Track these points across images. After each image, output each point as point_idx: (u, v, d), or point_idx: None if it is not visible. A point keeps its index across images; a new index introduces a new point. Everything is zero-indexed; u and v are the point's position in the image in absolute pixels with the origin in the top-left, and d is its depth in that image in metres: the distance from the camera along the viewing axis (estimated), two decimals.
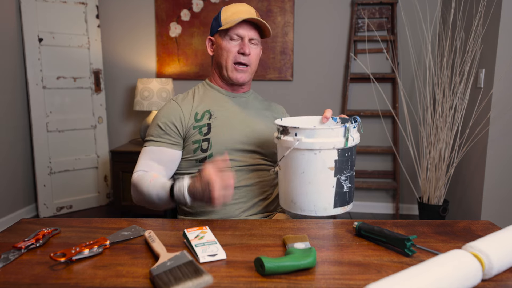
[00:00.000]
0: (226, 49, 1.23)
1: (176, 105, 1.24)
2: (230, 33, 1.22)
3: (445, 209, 2.62)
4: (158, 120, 1.23)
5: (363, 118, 3.18)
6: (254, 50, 1.25)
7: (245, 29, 1.22)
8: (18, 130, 2.94)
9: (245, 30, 1.22)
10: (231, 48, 1.23)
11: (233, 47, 1.23)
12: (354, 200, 3.24)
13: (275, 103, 1.43)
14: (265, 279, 0.73)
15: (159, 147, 1.21)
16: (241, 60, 1.23)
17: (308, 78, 3.19)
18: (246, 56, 1.23)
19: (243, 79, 1.25)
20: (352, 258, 0.82)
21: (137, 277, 0.74)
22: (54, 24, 2.99)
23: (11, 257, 0.81)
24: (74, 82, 3.11)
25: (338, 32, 3.12)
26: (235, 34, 1.22)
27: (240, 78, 1.25)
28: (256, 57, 1.27)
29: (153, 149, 1.21)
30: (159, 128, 1.22)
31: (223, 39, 1.24)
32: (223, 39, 1.24)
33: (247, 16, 1.20)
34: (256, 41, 1.25)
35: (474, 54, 2.51)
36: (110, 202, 3.38)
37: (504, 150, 2.37)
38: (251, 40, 1.23)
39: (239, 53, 1.22)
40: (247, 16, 1.19)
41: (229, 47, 1.23)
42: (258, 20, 1.20)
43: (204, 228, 0.90)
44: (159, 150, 1.20)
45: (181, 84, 3.31)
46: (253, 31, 1.23)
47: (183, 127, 1.21)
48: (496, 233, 0.79)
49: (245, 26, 1.22)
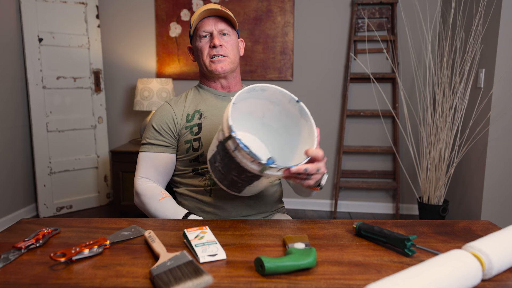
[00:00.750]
0: (200, 48, 1.25)
1: (169, 107, 1.27)
2: (198, 33, 1.24)
3: (445, 209, 2.62)
4: (152, 122, 1.27)
5: (363, 118, 3.18)
6: (228, 41, 1.24)
7: (210, 23, 1.22)
8: (18, 130, 2.94)
9: (210, 25, 1.22)
10: (203, 45, 1.24)
11: (205, 44, 1.24)
12: (354, 200, 3.27)
13: None
14: (265, 279, 0.73)
15: (155, 153, 1.25)
16: (215, 52, 1.22)
17: (308, 78, 3.19)
18: (219, 48, 1.22)
19: (223, 68, 1.23)
20: (352, 258, 0.82)
21: (137, 277, 0.74)
22: (54, 24, 2.99)
23: (11, 257, 0.81)
24: (74, 82, 3.11)
25: (338, 32, 3.12)
26: (203, 32, 1.23)
27: (220, 68, 1.23)
28: (233, 47, 1.25)
29: (150, 156, 1.25)
30: (154, 130, 1.26)
31: (195, 41, 1.26)
32: (195, 41, 1.26)
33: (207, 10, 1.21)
34: (227, 32, 1.24)
35: (474, 54, 2.51)
36: (110, 202, 3.38)
37: (504, 150, 2.37)
38: (221, 32, 1.23)
39: (211, 47, 1.23)
40: (206, 9, 1.21)
41: (201, 45, 1.24)
42: (218, 10, 1.21)
43: (204, 228, 0.90)
44: (155, 157, 1.25)
45: (181, 84, 3.31)
46: (220, 23, 1.23)
47: (176, 127, 1.24)
48: (496, 233, 0.79)
49: (210, 21, 1.23)
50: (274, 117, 1.11)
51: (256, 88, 1.03)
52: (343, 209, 3.28)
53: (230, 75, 1.28)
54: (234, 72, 1.29)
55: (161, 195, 1.19)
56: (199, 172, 1.23)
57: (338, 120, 3.20)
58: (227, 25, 1.24)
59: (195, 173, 1.23)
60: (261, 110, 1.10)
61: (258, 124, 1.14)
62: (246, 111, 1.09)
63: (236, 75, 1.31)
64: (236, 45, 1.27)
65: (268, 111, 1.10)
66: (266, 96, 1.06)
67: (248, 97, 1.05)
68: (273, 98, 1.06)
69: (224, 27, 1.23)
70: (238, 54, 1.29)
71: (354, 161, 3.23)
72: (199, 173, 1.23)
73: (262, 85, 1.02)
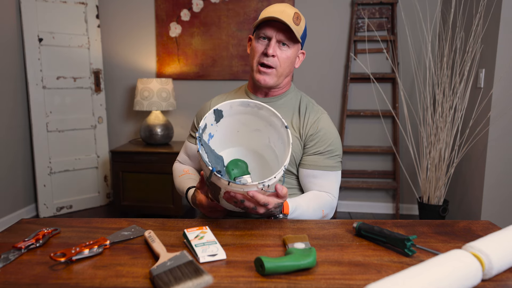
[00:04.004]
0: (254, 48, 1.21)
1: (208, 103, 1.36)
2: (259, 33, 1.20)
3: (445, 209, 2.62)
4: (195, 116, 1.39)
5: (363, 118, 3.18)
6: (282, 53, 1.18)
7: (273, 29, 1.17)
8: (18, 130, 2.94)
9: (272, 31, 1.17)
10: (258, 47, 1.20)
11: (260, 46, 1.19)
12: (354, 200, 3.26)
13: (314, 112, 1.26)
14: (265, 279, 0.73)
15: (189, 143, 1.37)
16: (264, 61, 1.18)
17: (308, 78, 3.19)
18: (270, 58, 1.18)
19: (265, 81, 1.20)
20: (352, 258, 0.82)
21: (137, 277, 0.74)
22: (54, 24, 2.99)
23: (11, 257, 0.81)
24: (74, 82, 3.11)
25: (338, 32, 3.12)
26: (263, 34, 1.18)
27: (262, 81, 1.20)
28: (286, 60, 1.19)
29: (186, 144, 1.39)
30: (193, 123, 1.38)
31: (255, 38, 1.23)
32: (255, 38, 1.23)
33: (275, 15, 1.14)
34: (287, 43, 1.18)
35: (474, 54, 2.51)
36: (110, 202, 3.38)
37: (504, 150, 2.37)
38: (280, 42, 1.18)
39: (263, 53, 1.19)
40: (274, 15, 1.14)
41: (256, 46, 1.20)
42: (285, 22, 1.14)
43: (204, 228, 0.90)
44: (189, 146, 1.37)
45: (181, 84, 3.31)
46: (282, 33, 1.17)
47: None
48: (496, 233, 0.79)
49: (273, 27, 1.17)
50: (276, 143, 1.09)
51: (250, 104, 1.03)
52: (343, 209, 3.28)
53: (275, 86, 1.25)
54: (281, 84, 1.25)
55: (181, 172, 1.33)
56: None
57: (338, 120, 3.20)
58: (290, 37, 1.18)
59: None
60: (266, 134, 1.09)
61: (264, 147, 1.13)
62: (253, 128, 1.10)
63: (283, 85, 1.27)
64: (292, 59, 1.21)
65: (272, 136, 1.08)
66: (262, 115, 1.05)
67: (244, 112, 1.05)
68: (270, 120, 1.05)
69: (285, 39, 1.18)
70: (291, 67, 1.23)
71: (354, 161, 3.23)
72: None
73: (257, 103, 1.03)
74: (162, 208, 2.92)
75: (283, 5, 1.19)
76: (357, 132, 3.20)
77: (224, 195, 0.94)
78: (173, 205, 2.91)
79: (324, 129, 1.23)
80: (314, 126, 1.23)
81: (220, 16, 3.18)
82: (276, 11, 1.16)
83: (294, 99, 1.29)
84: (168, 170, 2.86)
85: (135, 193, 2.94)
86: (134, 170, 2.91)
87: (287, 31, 1.17)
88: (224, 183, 0.90)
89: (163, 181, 2.90)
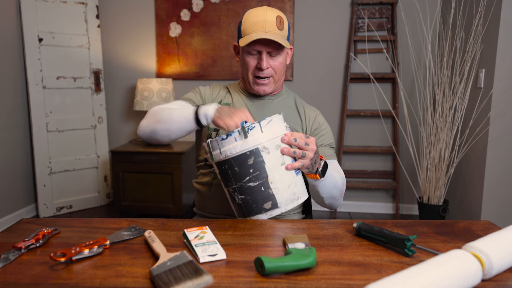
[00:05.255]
0: (246, 63, 1.24)
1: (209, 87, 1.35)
2: (247, 48, 1.21)
3: (445, 209, 2.62)
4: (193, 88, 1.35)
5: (363, 118, 3.18)
6: (275, 62, 1.22)
7: (260, 45, 1.19)
8: (18, 130, 2.94)
9: (260, 46, 1.19)
10: (250, 62, 1.22)
11: (252, 61, 1.22)
12: (354, 200, 3.27)
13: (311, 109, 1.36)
14: (265, 279, 0.73)
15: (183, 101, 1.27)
16: (260, 74, 1.22)
17: (308, 78, 3.19)
18: (265, 70, 1.21)
19: (265, 91, 1.26)
20: (352, 258, 0.82)
21: (137, 277, 0.74)
22: (54, 24, 2.99)
23: (11, 257, 0.81)
24: (74, 82, 3.11)
25: (338, 32, 3.12)
26: (252, 49, 1.21)
27: (262, 91, 1.26)
28: (279, 66, 1.23)
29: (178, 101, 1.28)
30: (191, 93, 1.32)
31: (243, 51, 1.24)
32: (243, 51, 1.24)
33: (259, 33, 1.16)
34: (276, 53, 1.21)
35: (474, 54, 2.51)
36: (110, 202, 3.38)
37: (504, 150, 2.37)
38: (270, 53, 1.20)
39: (257, 67, 1.22)
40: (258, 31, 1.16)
41: (247, 61, 1.23)
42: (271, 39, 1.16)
43: (204, 228, 0.90)
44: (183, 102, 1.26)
45: (181, 84, 3.31)
46: (270, 45, 1.19)
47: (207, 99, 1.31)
48: (496, 233, 0.79)
49: (260, 42, 1.19)
50: None
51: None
52: (343, 209, 3.27)
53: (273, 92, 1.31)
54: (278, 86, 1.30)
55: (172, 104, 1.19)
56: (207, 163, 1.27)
57: (338, 120, 3.20)
58: (279, 46, 1.20)
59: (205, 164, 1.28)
60: None
61: None
62: None
63: (278, 85, 1.31)
64: (283, 62, 1.25)
65: None
66: None
67: None
68: None
69: (274, 49, 1.20)
70: (284, 69, 1.28)
71: (354, 161, 3.23)
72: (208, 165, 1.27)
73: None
74: (162, 208, 2.92)
75: (264, 12, 1.19)
76: (357, 132, 3.20)
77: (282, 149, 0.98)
78: (173, 205, 2.91)
79: (325, 123, 1.35)
80: (316, 122, 1.33)
81: (220, 16, 3.18)
82: (258, 22, 1.17)
83: (288, 98, 1.36)
84: (168, 170, 2.86)
85: (135, 193, 2.94)
86: (134, 170, 2.91)
87: (274, 43, 1.18)
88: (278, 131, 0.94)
89: (163, 181, 2.90)
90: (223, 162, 0.98)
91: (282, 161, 0.99)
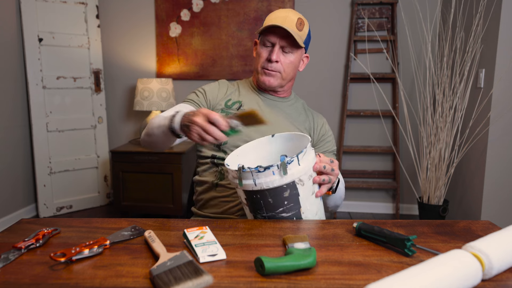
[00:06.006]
0: (259, 53, 1.26)
1: (216, 85, 1.34)
2: (263, 39, 1.24)
3: (445, 209, 2.62)
4: (197, 89, 1.34)
5: (363, 118, 3.18)
6: (286, 58, 1.23)
7: (276, 36, 1.21)
8: (18, 130, 2.94)
9: (276, 37, 1.21)
10: (262, 53, 1.25)
11: (265, 52, 1.24)
12: (354, 200, 3.26)
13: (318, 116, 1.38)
14: (265, 279, 0.73)
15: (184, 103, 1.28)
16: (268, 67, 1.24)
17: (308, 78, 3.19)
18: (274, 63, 1.23)
19: (270, 82, 1.26)
20: (352, 258, 0.82)
21: (137, 277, 0.74)
22: (54, 24, 2.99)
23: (11, 257, 0.81)
24: (74, 82, 3.11)
25: (338, 32, 3.12)
26: (267, 40, 1.23)
27: (267, 81, 1.26)
28: (289, 65, 1.24)
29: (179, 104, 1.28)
30: (193, 94, 1.31)
31: (259, 43, 1.27)
32: (259, 43, 1.27)
33: (278, 23, 1.18)
34: (289, 50, 1.22)
35: (474, 54, 2.51)
36: (110, 202, 3.38)
37: (504, 150, 2.37)
38: (283, 48, 1.22)
39: (267, 59, 1.24)
40: (277, 23, 1.18)
41: (260, 52, 1.26)
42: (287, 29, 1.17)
43: (204, 228, 0.90)
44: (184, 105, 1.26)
45: (181, 84, 3.31)
46: (286, 39, 1.21)
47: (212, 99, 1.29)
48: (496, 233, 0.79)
49: (277, 33, 1.20)
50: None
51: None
52: (343, 209, 3.27)
53: (279, 88, 1.31)
54: (285, 86, 1.31)
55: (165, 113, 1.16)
56: (214, 162, 1.25)
57: (338, 120, 3.20)
58: (293, 43, 1.21)
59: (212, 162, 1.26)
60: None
61: None
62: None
63: (286, 88, 1.33)
64: (295, 63, 1.26)
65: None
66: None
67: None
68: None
69: (288, 45, 1.21)
70: (295, 71, 1.29)
71: (354, 161, 3.23)
72: (214, 163, 1.26)
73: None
74: (162, 208, 2.92)
75: (287, 11, 1.23)
76: (357, 132, 3.20)
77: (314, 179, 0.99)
78: (173, 205, 2.91)
79: (330, 131, 1.39)
80: (323, 129, 1.37)
81: (220, 16, 3.18)
82: (279, 17, 1.20)
83: (297, 103, 1.38)
84: (168, 170, 2.86)
85: (135, 193, 2.94)
86: (134, 170, 2.91)
87: (289, 38, 1.20)
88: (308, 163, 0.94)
89: (163, 181, 2.90)
90: (256, 192, 0.96)
91: (313, 190, 1.00)
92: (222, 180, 1.23)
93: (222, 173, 1.24)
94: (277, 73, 1.25)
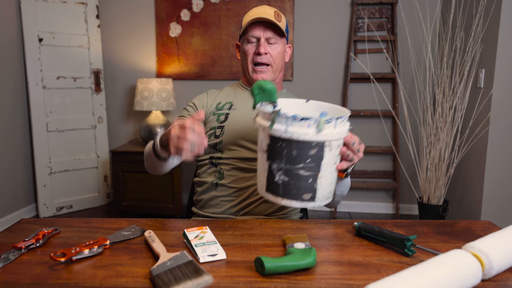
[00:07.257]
0: (245, 51, 1.28)
1: (205, 94, 1.37)
2: (246, 36, 1.27)
3: (445, 209, 2.62)
4: (187, 104, 1.36)
5: (363, 118, 3.18)
6: (274, 49, 1.27)
7: (259, 30, 1.24)
8: (18, 130, 2.94)
9: (259, 31, 1.25)
10: (249, 50, 1.27)
11: (251, 48, 1.27)
12: (354, 200, 3.27)
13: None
14: (265, 279, 0.73)
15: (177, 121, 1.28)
16: (258, 60, 1.26)
17: (308, 78, 3.19)
18: (264, 56, 1.25)
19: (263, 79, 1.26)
20: (352, 258, 0.82)
21: (137, 277, 0.74)
22: (54, 24, 2.99)
23: (11, 257, 0.81)
24: (74, 82, 3.11)
25: (338, 32, 3.12)
26: (251, 36, 1.26)
27: (260, 78, 1.27)
28: (277, 55, 1.28)
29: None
30: (185, 110, 1.34)
31: (243, 43, 1.30)
32: (243, 43, 1.30)
33: (258, 17, 1.22)
34: (275, 41, 1.26)
35: (474, 54, 2.51)
36: (110, 202, 3.38)
37: (504, 150, 2.37)
38: (268, 40, 1.25)
39: (255, 53, 1.26)
40: (257, 17, 1.22)
41: (246, 49, 1.28)
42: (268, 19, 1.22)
43: (204, 228, 0.90)
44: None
45: (181, 84, 3.31)
46: (269, 31, 1.25)
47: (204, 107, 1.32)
48: (496, 233, 0.79)
49: (259, 27, 1.25)
50: None
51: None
52: (343, 209, 3.28)
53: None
54: (277, 79, 1.33)
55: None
56: (213, 162, 1.26)
57: None
58: (276, 33, 1.26)
59: (210, 162, 1.27)
60: None
61: None
62: None
63: (278, 81, 1.35)
64: (282, 53, 1.30)
65: None
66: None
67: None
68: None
69: (272, 35, 1.25)
70: (283, 62, 1.32)
71: None
72: (213, 163, 1.26)
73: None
74: (162, 208, 2.92)
75: (262, 7, 1.27)
76: (357, 132, 3.20)
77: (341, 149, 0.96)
78: (173, 205, 2.91)
79: None
80: None
81: (220, 16, 3.18)
82: (257, 13, 1.25)
83: (289, 97, 1.39)
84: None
85: (135, 193, 2.94)
86: (134, 170, 2.91)
87: (272, 28, 1.25)
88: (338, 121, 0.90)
89: (163, 181, 2.90)
90: (282, 140, 0.91)
91: (335, 160, 0.97)
92: (222, 179, 1.23)
93: (222, 173, 1.24)
94: (268, 67, 1.27)
